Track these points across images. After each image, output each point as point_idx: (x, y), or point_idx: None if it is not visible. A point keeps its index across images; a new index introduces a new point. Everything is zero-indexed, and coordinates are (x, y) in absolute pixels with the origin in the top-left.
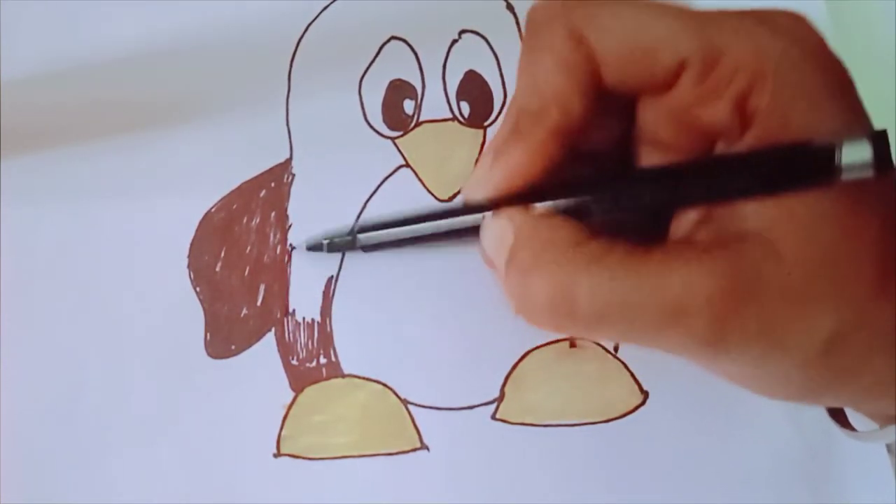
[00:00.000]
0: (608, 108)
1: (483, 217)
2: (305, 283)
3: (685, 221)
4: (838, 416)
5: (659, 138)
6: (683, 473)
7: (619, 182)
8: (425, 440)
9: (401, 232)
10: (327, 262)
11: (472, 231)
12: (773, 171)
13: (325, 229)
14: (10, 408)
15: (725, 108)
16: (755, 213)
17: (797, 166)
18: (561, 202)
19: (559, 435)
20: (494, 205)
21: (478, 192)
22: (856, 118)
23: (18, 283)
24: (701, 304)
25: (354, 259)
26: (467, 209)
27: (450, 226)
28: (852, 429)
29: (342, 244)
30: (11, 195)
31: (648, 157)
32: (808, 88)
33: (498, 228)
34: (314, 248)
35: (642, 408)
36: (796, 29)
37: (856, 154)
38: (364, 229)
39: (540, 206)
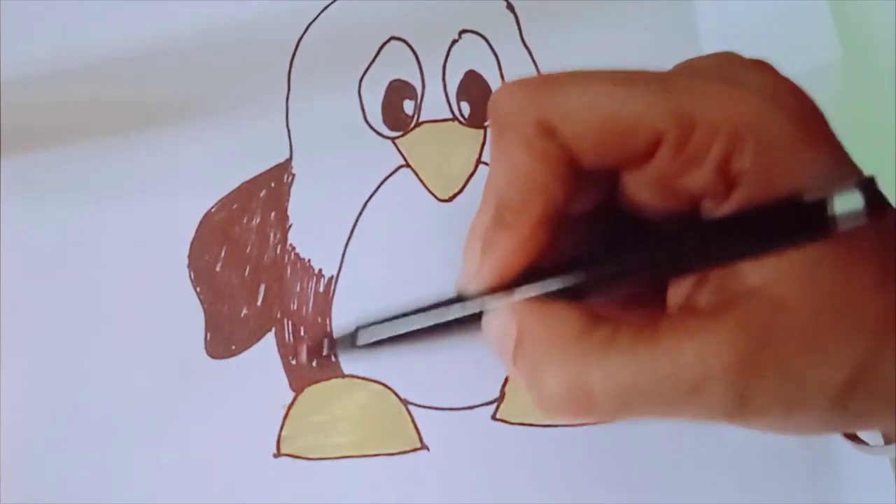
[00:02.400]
0: (588, 180)
1: (482, 305)
2: (305, 282)
3: (682, 286)
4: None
5: (643, 202)
6: (683, 473)
7: (615, 257)
8: (425, 440)
9: (400, 326)
10: (328, 263)
11: (473, 319)
12: (767, 230)
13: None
14: (10, 408)
15: (707, 173)
16: (754, 270)
17: (791, 222)
18: (556, 285)
19: (559, 435)
20: (491, 291)
21: (472, 286)
22: (839, 162)
23: (18, 282)
24: (718, 374)
25: (355, 259)
26: (464, 299)
27: (449, 315)
28: (862, 442)
29: (342, 345)
30: (12, 194)
31: (638, 215)
32: (788, 142)
33: (500, 324)
34: (314, 354)
35: None
36: (766, 82)
37: (848, 203)
38: (360, 327)
39: (537, 291)
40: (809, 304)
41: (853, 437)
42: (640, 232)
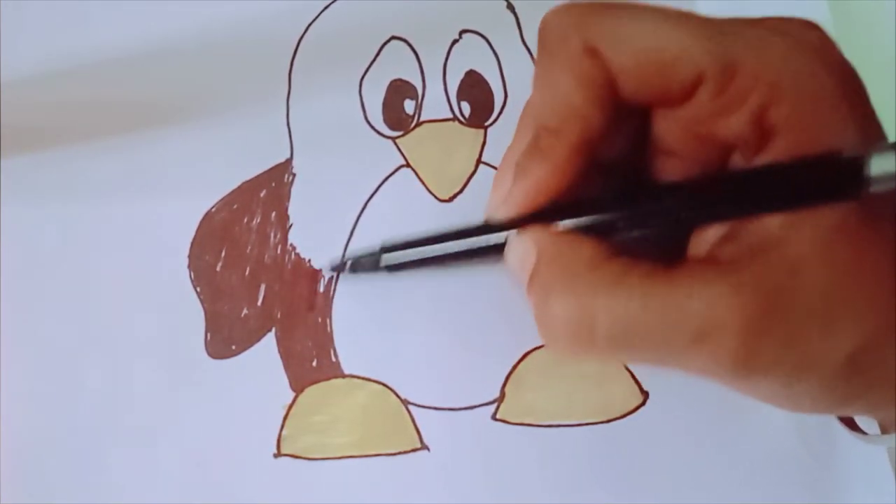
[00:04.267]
0: (623, 118)
1: (507, 236)
2: (306, 282)
3: (705, 237)
4: (846, 419)
5: (674, 149)
6: (683, 473)
7: (643, 198)
8: (425, 440)
9: (425, 251)
10: (328, 263)
11: (497, 249)
12: (800, 184)
13: (350, 250)
14: (10, 408)
15: (743, 120)
16: (775, 230)
17: (824, 179)
18: (583, 220)
19: (559, 435)
20: (519, 223)
21: (501, 210)
22: (872, 127)
23: (18, 282)
24: (727, 324)
25: None
26: (491, 228)
27: (474, 244)
28: (861, 432)
29: (366, 264)
30: (12, 194)
31: (663, 167)
32: (827, 99)
33: (521, 248)
34: (338, 268)
35: (642, 408)
36: (811, 38)
37: (884, 165)
38: (387, 249)
39: (563, 225)
40: (824, 270)
41: (851, 425)
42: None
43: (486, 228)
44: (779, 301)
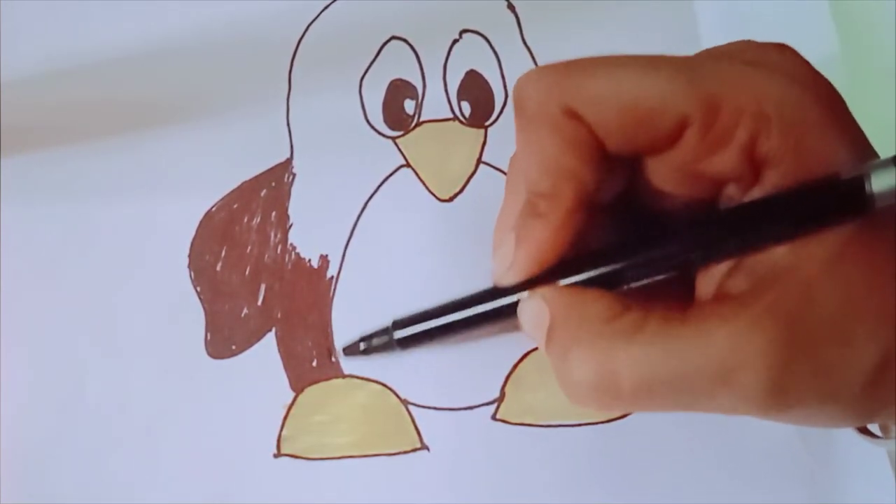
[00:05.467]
0: (615, 166)
1: (519, 297)
2: (306, 282)
3: (711, 275)
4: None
5: (667, 190)
6: (683, 473)
7: (647, 245)
8: (426, 440)
9: (437, 321)
10: (328, 263)
11: (509, 312)
12: (804, 211)
13: (361, 331)
14: (10, 407)
15: (733, 156)
16: (782, 257)
17: (826, 201)
18: (590, 274)
19: (559, 435)
20: (527, 284)
21: (508, 277)
22: (862, 144)
23: (18, 282)
24: (751, 361)
25: (355, 259)
26: (500, 292)
27: (484, 309)
28: (870, 434)
29: (380, 345)
30: (12, 194)
31: (659, 203)
32: (814, 123)
33: (534, 310)
34: (350, 350)
35: None
36: (788, 64)
37: (885, 180)
38: (398, 325)
39: (570, 280)
40: (837, 290)
41: (863, 430)
42: (660, 227)
43: (495, 293)
44: (798, 328)
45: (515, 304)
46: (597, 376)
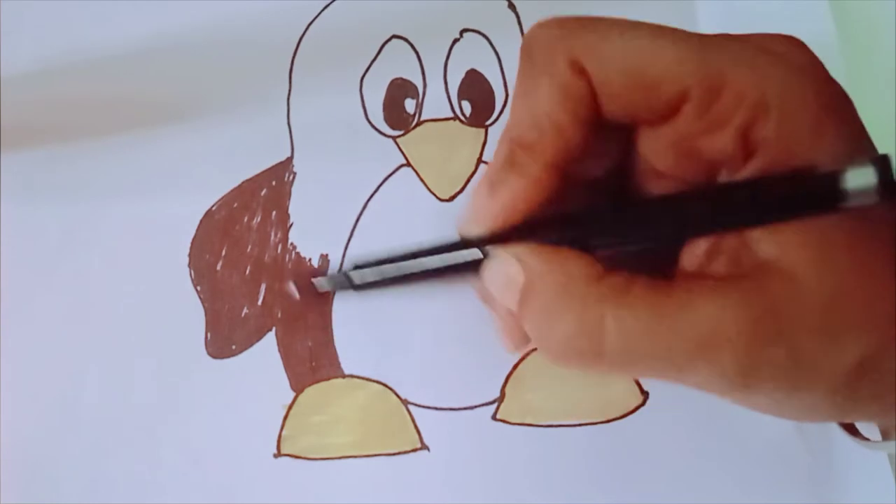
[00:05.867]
0: (606, 136)
1: (482, 253)
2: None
3: (694, 252)
4: (847, 425)
5: (658, 167)
6: (683, 473)
7: (625, 213)
8: (426, 440)
9: (394, 269)
10: (328, 264)
11: (471, 266)
12: (778, 199)
13: (329, 273)
14: (10, 407)
15: (728, 138)
16: (768, 243)
17: (802, 193)
18: (565, 236)
19: (559, 435)
20: (499, 239)
21: (474, 226)
22: (859, 143)
23: (18, 282)
24: (730, 338)
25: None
26: (467, 244)
27: (446, 262)
28: (862, 438)
29: (336, 283)
30: (12, 193)
31: (648, 186)
32: (811, 117)
33: (504, 267)
34: (304, 288)
35: (642, 408)
36: (796, 56)
37: (860, 179)
38: (359, 266)
39: (544, 239)
40: (823, 283)
41: (852, 431)
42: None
43: (461, 244)
44: (780, 314)
45: (479, 260)
46: (580, 334)
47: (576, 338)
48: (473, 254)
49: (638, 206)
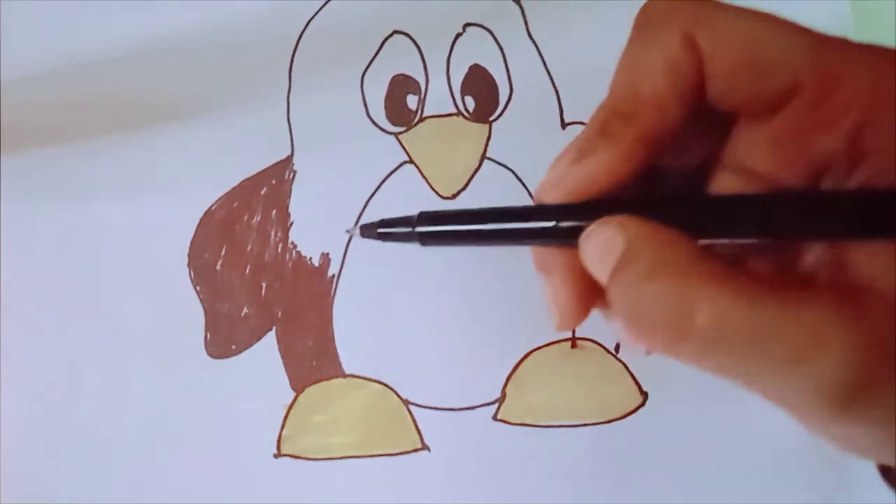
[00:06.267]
0: (704, 124)
1: (554, 224)
2: (307, 281)
3: (800, 258)
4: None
5: (751, 165)
6: (683, 474)
7: (741, 204)
8: (426, 441)
9: (464, 228)
10: (329, 261)
11: (544, 234)
12: (885, 216)
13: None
14: (9, 407)
15: (837, 139)
16: (872, 266)
17: None
18: (672, 215)
19: (560, 436)
20: (593, 210)
21: (551, 193)
22: None
23: (18, 281)
24: (838, 345)
25: (355, 259)
26: (568, 210)
27: (522, 227)
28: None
29: (399, 234)
30: (12, 193)
31: (733, 186)
32: None
33: (606, 235)
34: (367, 233)
35: (642, 409)
36: None
37: None
38: (425, 220)
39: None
40: None
41: (888, 474)
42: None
43: (539, 211)
44: (890, 338)
45: (555, 226)
46: (672, 312)
47: (665, 312)
48: (548, 222)
49: (734, 199)
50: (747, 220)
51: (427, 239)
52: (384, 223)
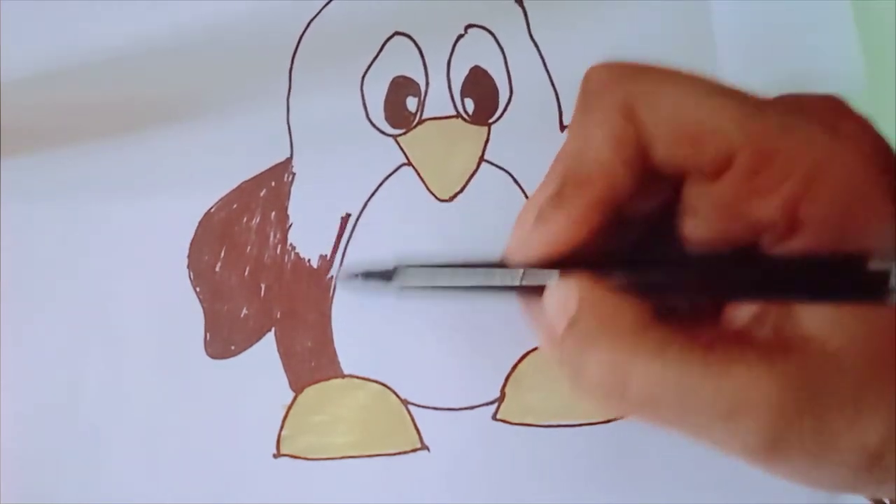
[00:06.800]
0: (654, 180)
1: (523, 276)
2: (306, 282)
3: (741, 311)
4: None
5: (700, 222)
6: (682, 474)
7: (671, 266)
8: (426, 441)
9: (441, 278)
10: (328, 263)
11: (512, 288)
12: (824, 281)
13: (365, 264)
14: (9, 407)
15: (774, 207)
16: (811, 318)
17: (851, 280)
18: (624, 275)
19: (559, 435)
20: (567, 266)
21: (518, 255)
22: None
23: (18, 282)
24: (760, 407)
25: (355, 259)
26: (504, 266)
27: (492, 281)
28: None
29: (378, 281)
30: (11, 194)
31: (689, 231)
32: (866, 201)
33: (563, 293)
34: (350, 279)
35: None
36: (858, 134)
37: None
38: (403, 267)
39: (609, 278)
40: (861, 366)
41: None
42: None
43: (502, 266)
44: (814, 391)
45: (518, 284)
46: (609, 377)
47: (602, 381)
48: (513, 279)
49: (683, 261)
50: (693, 280)
51: (405, 290)
52: (366, 275)
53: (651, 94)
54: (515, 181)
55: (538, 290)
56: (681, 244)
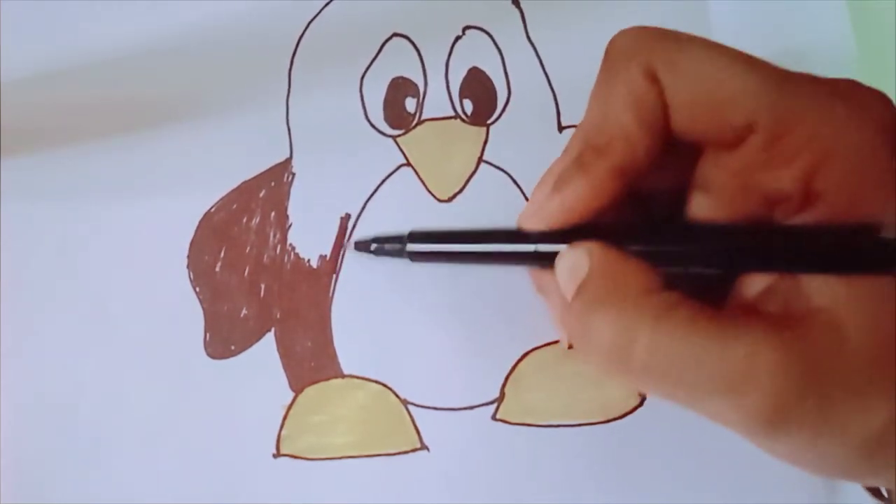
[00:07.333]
0: (673, 151)
1: (537, 245)
2: (305, 282)
3: (751, 285)
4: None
5: (717, 192)
6: (682, 474)
7: (683, 235)
8: (425, 440)
9: (453, 247)
10: (328, 263)
11: (525, 257)
12: (837, 252)
13: (377, 232)
14: (9, 408)
15: (790, 178)
16: (822, 292)
17: (862, 250)
18: (641, 247)
19: (559, 435)
20: (576, 236)
21: (532, 221)
22: None
23: (18, 282)
24: (764, 380)
25: (354, 259)
26: (543, 236)
27: (504, 249)
28: (882, 498)
29: (391, 250)
30: (11, 194)
31: (701, 207)
32: (881, 175)
33: (574, 259)
34: (361, 247)
35: (641, 409)
36: (877, 109)
37: None
38: (415, 238)
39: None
40: (867, 341)
41: (875, 493)
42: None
43: (521, 235)
44: (820, 366)
45: (532, 251)
46: (615, 340)
47: (608, 343)
48: (527, 247)
49: (695, 230)
50: (705, 251)
51: (416, 257)
52: (377, 240)
53: (674, 58)
54: (514, 182)
55: (550, 260)
56: (693, 218)
